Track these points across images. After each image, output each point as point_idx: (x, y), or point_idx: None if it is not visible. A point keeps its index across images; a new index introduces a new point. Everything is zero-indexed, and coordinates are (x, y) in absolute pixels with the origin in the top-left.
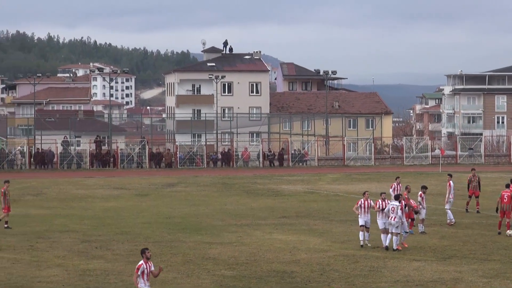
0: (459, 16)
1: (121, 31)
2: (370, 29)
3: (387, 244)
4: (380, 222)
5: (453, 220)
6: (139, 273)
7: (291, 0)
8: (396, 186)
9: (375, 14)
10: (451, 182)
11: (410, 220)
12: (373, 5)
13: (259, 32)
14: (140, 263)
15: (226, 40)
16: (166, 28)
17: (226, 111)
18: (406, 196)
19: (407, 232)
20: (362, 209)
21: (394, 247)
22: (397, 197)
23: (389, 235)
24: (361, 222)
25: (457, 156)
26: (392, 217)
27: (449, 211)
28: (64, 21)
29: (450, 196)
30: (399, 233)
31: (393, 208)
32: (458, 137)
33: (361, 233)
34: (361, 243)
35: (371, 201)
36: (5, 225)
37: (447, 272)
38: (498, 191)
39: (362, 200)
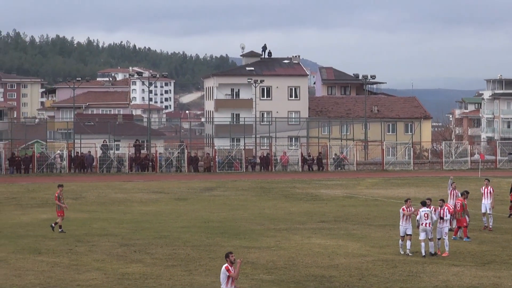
0: (499, 20)
1: (161, 35)
2: (409, 33)
3: (424, 251)
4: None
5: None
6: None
7: (330, 4)
8: (452, 191)
9: (414, 18)
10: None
11: (463, 227)
12: (412, 10)
13: (298, 37)
14: (225, 265)
15: (265, 44)
16: (205, 33)
17: (265, 115)
18: (461, 203)
19: (460, 239)
20: (404, 217)
21: (432, 251)
22: (424, 203)
23: (423, 243)
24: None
25: (496, 161)
26: (425, 223)
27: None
28: (103, 25)
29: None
30: (439, 238)
31: (426, 215)
32: (497, 141)
33: (403, 242)
34: (401, 251)
35: (412, 208)
36: (60, 229)
37: (486, 278)
38: None
39: (404, 207)
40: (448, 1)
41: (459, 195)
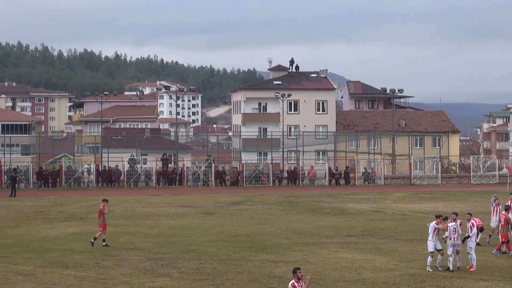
0: None
1: (188, 49)
2: (437, 47)
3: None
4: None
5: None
6: None
7: (357, 19)
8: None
9: (441, 32)
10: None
11: (506, 242)
12: (440, 23)
13: (325, 51)
14: (291, 282)
15: (292, 58)
16: (233, 46)
17: (292, 129)
18: (506, 217)
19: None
20: (434, 232)
21: (459, 265)
22: (445, 218)
23: (451, 257)
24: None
25: None
26: (453, 237)
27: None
28: (131, 39)
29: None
30: (470, 253)
31: (454, 229)
32: None
33: (432, 259)
34: (429, 268)
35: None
36: (103, 243)
37: None
38: None
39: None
40: (475, 14)
41: (503, 210)
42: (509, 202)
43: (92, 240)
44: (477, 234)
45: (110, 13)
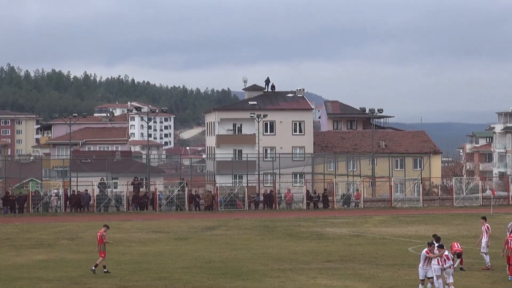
0: (510, 52)
1: (160, 69)
2: (418, 65)
3: None
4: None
5: (489, 264)
6: None
7: (337, 36)
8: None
9: (423, 50)
10: (487, 225)
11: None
12: (421, 41)
13: (303, 69)
14: None
15: (268, 77)
16: (206, 66)
17: (268, 151)
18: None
19: None
20: (426, 260)
21: None
22: (441, 244)
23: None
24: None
25: (509, 197)
26: (449, 265)
27: (486, 255)
28: (101, 59)
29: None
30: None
31: (447, 256)
32: (510, 177)
33: (423, 286)
34: None
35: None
36: (104, 270)
37: None
38: None
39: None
40: (458, 32)
41: None
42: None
43: (93, 267)
44: (455, 261)
45: (79, 32)
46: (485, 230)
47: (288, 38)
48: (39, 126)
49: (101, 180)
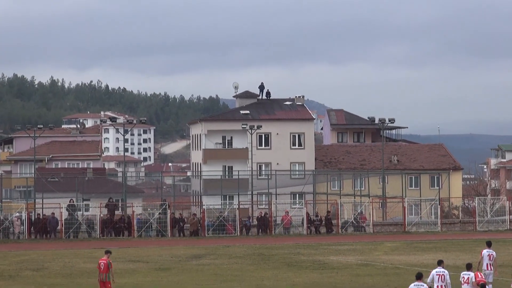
0: None
1: (138, 73)
2: (436, 68)
3: None
4: None
5: None
6: None
7: (342, 35)
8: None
9: (441, 51)
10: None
11: None
12: (440, 41)
13: (303, 73)
14: None
15: (262, 83)
16: (192, 70)
17: (263, 167)
18: None
19: None
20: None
21: None
22: (469, 266)
23: None
24: None
25: None
26: (438, 285)
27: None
28: (71, 62)
29: (485, 268)
30: None
31: (440, 276)
32: None
33: None
34: None
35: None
36: None
37: None
38: None
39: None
40: (483, 30)
41: None
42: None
43: None
44: None
45: (46, 31)
46: (487, 257)
47: (286, 38)
48: None
49: (70, 202)
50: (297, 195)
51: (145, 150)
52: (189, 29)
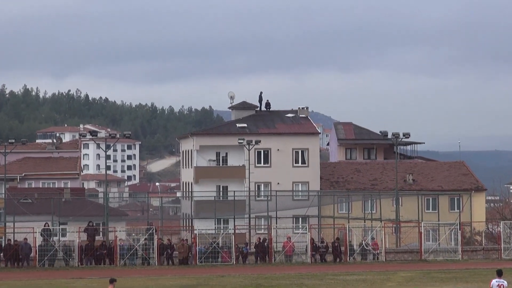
0: None
1: (122, 82)
2: (458, 77)
3: None
4: None
5: None
6: None
7: (352, 40)
8: None
9: (464, 57)
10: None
11: None
12: (462, 46)
13: (306, 82)
14: None
15: (261, 92)
16: (182, 78)
17: (262, 188)
18: None
19: None
20: None
21: None
22: (500, 273)
23: None
24: None
25: None
26: None
27: None
28: (47, 70)
29: None
30: None
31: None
32: None
33: None
34: None
35: None
36: None
37: None
38: None
39: None
40: (508, 34)
41: None
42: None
43: None
44: None
45: (19, 34)
46: None
47: (290, 42)
48: None
49: (45, 226)
50: (300, 218)
51: (129, 168)
52: (181, 32)
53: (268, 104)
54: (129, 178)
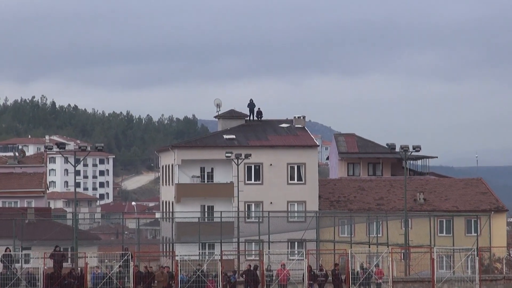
0: None
1: (94, 88)
2: (477, 82)
3: None
4: None
5: None
6: None
7: (357, 40)
8: None
9: (485, 60)
10: None
11: None
12: (483, 48)
13: (303, 88)
14: None
15: (252, 100)
16: (163, 82)
17: (253, 208)
18: None
19: None
20: None
21: None
22: None
23: None
24: None
25: None
26: None
27: None
28: (8, 74)
29: None
30: None
31: None
32: None
33: None
34: None
35: None
36: None
37: None
38: None
39: None
40: None
41: None
42: None
43: None
44: None
45: None
46: None
47: (286, 43)
48: None
49: (6, 251)
50: (296, 243)
51: (101, 185)
52: (161, 31)
53: (259, 113)
54: (102, 196)
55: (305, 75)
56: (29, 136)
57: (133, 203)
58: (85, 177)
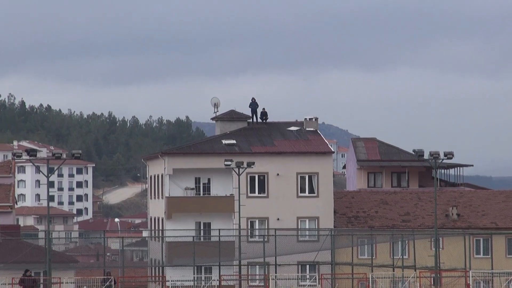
0: None
1: (70, 85)
2: None
3: None
4: None
5: None
6: None
7: (378, 28)
8: None
9: None
10: None
11: None
12: None
13: (316, 85)
14: None
15: (254, 99)
16: (152, 79)
17: (256, 225)
18: None
19: None
20: None
21: None
22: None
23: None
24: None
25: None
26: None
27: None
28: None
29: None
30: None
31: None
32: None
33: None
34: None
35: None
36: None
37: None
38: None
39: None
40: None
41: None
42: None
43: None
44: None
45: None
46: None
47: (294, 31)
48: None
49: None
50: (308, 266)
51: (79, 198)
52: (149, 19)
53: (264, 114)
54: (79, 212)
55: (318, 70)
56: None
57: (116, 219)
58: (60, 189)
